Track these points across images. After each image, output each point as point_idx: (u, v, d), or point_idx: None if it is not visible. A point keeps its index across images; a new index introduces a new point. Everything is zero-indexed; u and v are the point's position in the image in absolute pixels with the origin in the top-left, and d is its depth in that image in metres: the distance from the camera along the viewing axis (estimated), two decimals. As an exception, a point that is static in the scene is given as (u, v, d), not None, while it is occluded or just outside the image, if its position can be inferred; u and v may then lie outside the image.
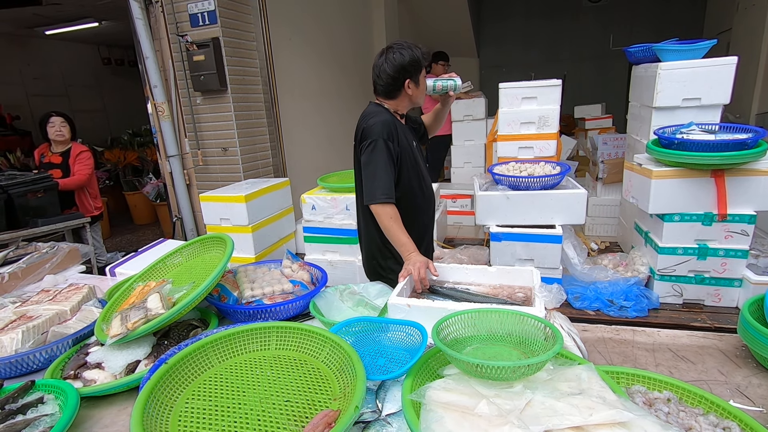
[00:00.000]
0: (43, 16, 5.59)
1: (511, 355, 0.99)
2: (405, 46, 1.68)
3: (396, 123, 1.74)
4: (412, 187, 1.79)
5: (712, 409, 0.92)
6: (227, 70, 3.47)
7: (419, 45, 1.73)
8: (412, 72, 1.70)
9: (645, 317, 2.17)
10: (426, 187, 1.86)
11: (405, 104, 1.80)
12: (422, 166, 1.85)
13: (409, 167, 1.76)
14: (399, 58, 1.67)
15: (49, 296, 1.58)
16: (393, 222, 1.62)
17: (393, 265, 1.80)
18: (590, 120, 4.87)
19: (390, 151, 1.67)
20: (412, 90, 1.73)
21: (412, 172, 1.78)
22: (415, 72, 1.71)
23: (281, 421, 0.87)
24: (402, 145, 1.73)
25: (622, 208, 3.20)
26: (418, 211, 1.84)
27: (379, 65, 1.70)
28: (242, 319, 1.44)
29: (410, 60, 1.67)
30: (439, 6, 7.08)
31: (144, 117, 4.12)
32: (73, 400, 1.01)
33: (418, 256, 1.53)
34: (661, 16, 7.51)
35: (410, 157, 1.77)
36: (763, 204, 2.03)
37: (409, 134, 1.84)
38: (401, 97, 1.76)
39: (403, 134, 1.77)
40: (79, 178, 3.40)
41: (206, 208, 2.88)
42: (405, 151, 1.74)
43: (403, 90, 1.73)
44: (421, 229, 1.88)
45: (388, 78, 1.69)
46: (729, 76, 2.26)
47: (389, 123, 1.69)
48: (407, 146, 1.77)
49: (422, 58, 1.70)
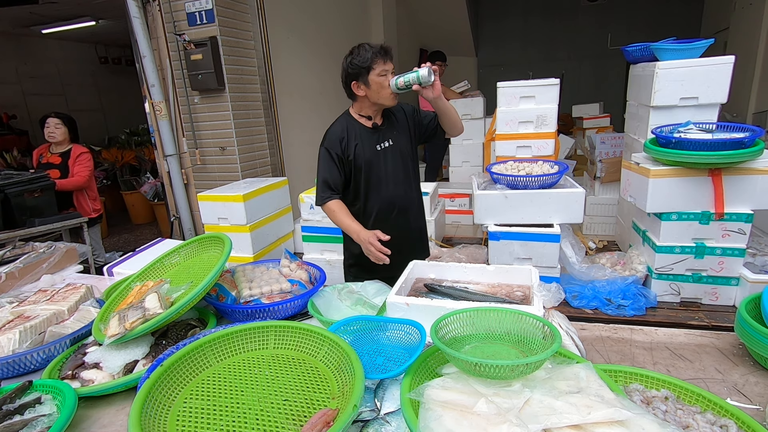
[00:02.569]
0: (39, 15, 5.56)
1: (509, 354, 0.99)
2: (351, 51, 1.75)
3: (350, 129, 1.82)
4: (368, 190, 1.86)
5: (709, 407, 0.92)
6: (225, 69, 3.46)
7: (367, 44, 1.74)
8: (354, 75, 1.75)
9: (643, 316, 2.17)
10: (382, 193, 1.86)
11: (366, 105, 1.83)
12: (380, 171, 1.84)
13: (360, 172, 1.83)
14: (344, 63, 1.76)
15: (47, 296, 1.57)
16: (336, 213, 1.77)
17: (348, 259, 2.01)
18: (588, 119, 4.87)
19: (330, 155, 1.80)
20: (364, 90, 1.77)
21: (367, 175, 1.83)
22: (359, 74, 1.74)
23: (280, 420, 0.87)
24: (353, 152, 1.80)
25: (620, 207, 3.21)
26: (380, 212, 1.88)
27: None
28: (240, 318, 1.44)
29: (349, 64, 1.74)
30: (437, 5, 7.08)
31: (141, 116, 4.11)
32: (71, 400, 1.01)
33: (365, 233, 1.67)
34: (658, 16, 7.52)
35: (364, 161, 1.82)
36: (760, 203, 2.03)
37: (373, 139, 1.84)
38: (359, 99, 1.82)
39: (361, 140, 1.82)
40: (78, 180, 3.39)
41: (204, 207, 2.88)
42: (358, 158, 1.81)
43: (356, 91, 1.79)
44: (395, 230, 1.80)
45: (343, 83, 1.81)
46: (726, 75, 2.27)
47: (337, 132, 1.82)
48: (362, 153, 1.81)
49: (361, 62, 1.71)
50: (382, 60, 1.71)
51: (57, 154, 3.44)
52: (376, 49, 1.71)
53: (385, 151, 1.85)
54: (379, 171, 1.85)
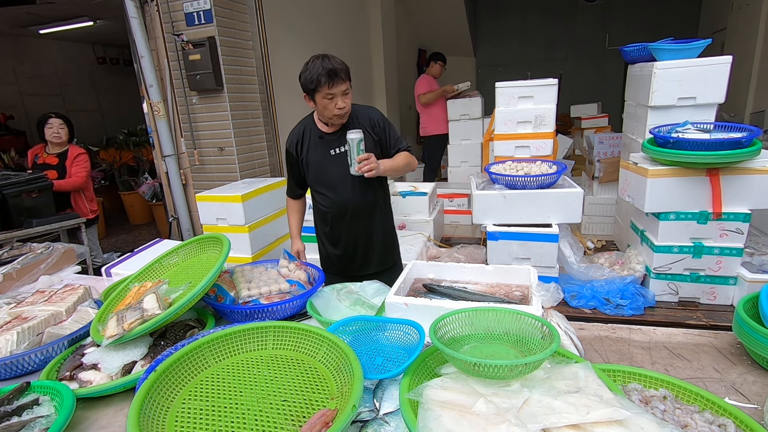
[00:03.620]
0: (37, 15, 5.55)
1: (508, 354, 0.99)
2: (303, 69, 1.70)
3: (306, 133, 1.87)
4: (321, 192, 1.91)
5: (707, 406, 0.92)
6: (223, 69, 3.46)
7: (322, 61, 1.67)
8: (304, 89, 1.73)
9: (641, 315, 2.18)
10: (337, 194, 1.87)
11: (320, 114, 1.81)
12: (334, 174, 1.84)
13: (310, 171, 1.89)
14: (300, 76, 1.72)
15: (45, 297, 1.57)
16: (288, 211, 2.15)
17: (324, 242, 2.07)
18: (586, 119, 4.88)
19: (289, 158, 1.93)
20: (314, 105, 1.76)
21: (316, 177, 1.89)
22: (308, 92, 1.72)
23: (278, 421, 0.87)
24: (305, 156, 1.87)
25: (618, 207, 3.21)
26: (327, 213, 1.93)
27: None
28: (239, 319, 1.44)
29: (302, 81, 1.71)
30: (436, 4, 7.09)
31: (140, 116, 4.10)
32: (69, 401, 1.00)
33: (296, 241, 2.13)
34: (657, 15, 7.54)
35: (316, 165, 1.86)
36: (757, 202, 2.04)
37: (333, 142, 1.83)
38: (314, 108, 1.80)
39: (312, 144, 1.86)
40: (75, 181, 3.38)
41: (203, 207, 2.87)
42: (309, 161, 1.88)
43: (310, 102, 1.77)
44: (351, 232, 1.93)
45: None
46: (724, 75, 2.27)
47: (295, 134, 1.90)
48: (313, 157, 1.86)
49: (306, 82, 1.68)
50: (327, 84, 1.64)
51: (54, 155, 3.43)
52: (322, 72, 1.63)
53: (339, 156, 1.82)
54: (331, 175, 1.85)
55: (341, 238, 1.96)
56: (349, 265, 2.00)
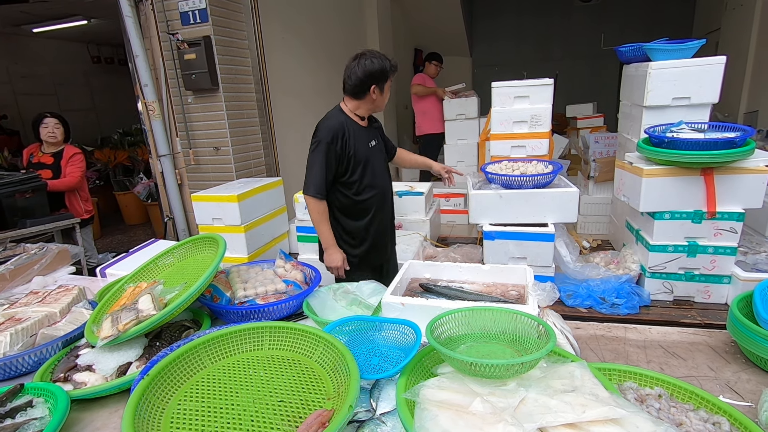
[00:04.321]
0: (30, 14, 5.50)
1: (504, 353, 1.00)
2: (377, 56, 1.86)
3: (348, 125, 1.92)
4: (364, 184, 1.97)
5: (702, 404, 0.93)
6: (219, 68, 3.44)
7: (390, 58, 1.90)
8: (378, 79, 1.87)
9: (636, 314, 2.19)
10: (377, 184, 2.02)
11: (367, 107, 1.96)
12: (376, 166, 2.01)
13: (357, 166, 1.94)
14: (370, 65, 1.83)
15: (38, 298, 1.55)
16: (321, 217, 1.92)
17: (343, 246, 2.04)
18: (582, 119, 4.90)
19: (329, 154, 1.86)
20: (377, 96, 1.91)
21: (361, 171, 1.95)
22: (382, 80, 1.88)
23: (275, 422, 0.87)
24: (352, 148, 1.91)
25: (614, 207, 3.23)
26: (370, 205, 2.03)
27: (351, 67, 1.87)
28: (235, 319, 1.43)
29: (379, 69, 1.85)
30: (432, 4, 7.09)
31: (134, 116, 4.08)
32: (63, 403, 1.00)
33: (336, 251, 1.95)
34: (652, 15, 7.58)
35: (363, 157, 1.94)
36: (751, 202, 2.05)
37: (368, 135, 2.00)
38: (365, 100, 1.92)
39: (357, 137, 1.93)
40: (70, 181, 3.36)
41: (198, 208, 2.86)
42: (357, 153, 1.92)
43: (368, 94, 1.89)
44: (382, 223, 2.09)
45: (357, 80, 1.86)
46: (718, 75, 2.29)
47: (337, 127, 1.87)
48: (360, 148, 1.94)
49: (390, 70, 1.88)
50: (392, 75, 1.92)
51: (49, 154, 3.41)
52: (392, 65, 1.90)
53: (374, 149, 2.02)
54: (373, 166, 2.00)
55: (381, 226, 2.08)
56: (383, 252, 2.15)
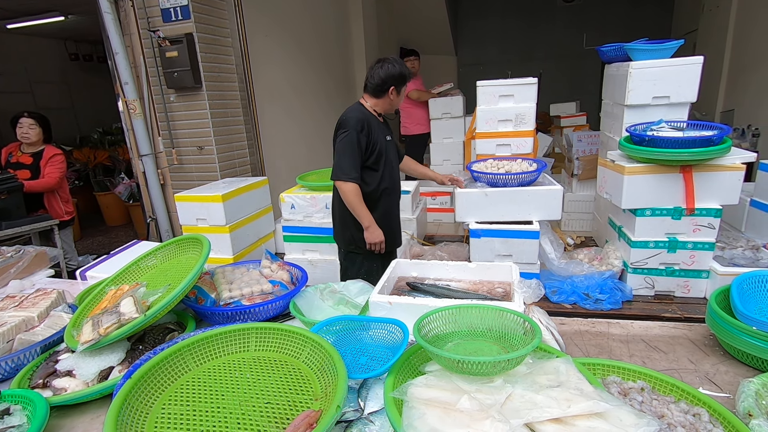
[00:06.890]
0: (4, 9, 5.33)
1: (491, 350, 1.00)
2: (398, 62, 2.16)
3: (371, 119, 2.17)
4: (382, 173, 2.21)
5: (683, 396, 0.95)
6: (202, 66, 3.39)
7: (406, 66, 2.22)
8: (398, 82, 2.17)
9: (619, 309, 2.22)
10: (392, 176, 2.29)
11: (384, 106, 2.24)
12: (391, 158, 2.29)
13: (379, 156, 2.17)
14: (392, 68, 2.14)
15: (15, 302, 1.51)
16: (357, 198, 2.09)
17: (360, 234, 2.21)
18: (565, 117, 4.97)
19: (359, 142, 2.07)
20: (394, 96, 2.20)
21: (382, 161, 2.20)
22: (400, 83, 2.19)
23: (262, 424, 0.86)
24: (375, 138, 2.14)
25: (597, 204, 3.28)
26: (385, 193, 2.27)
27: (375, 69, 2.16)
28: (220, 321, 1.42)
29: (399, 73, 2.16)
30: (417, 4, 7.10)
31: (115, 115, 3.98)
32: (42, 410, 0.97)
33: (376, 228, 2.15)
34: (632, 15, 7.73)
35: (382, 148, 2.18)
36: (727, 198, 2.11)
37: (384, 130, 2.27)
38: (383, 99, 2.21)
39: (377, 129, 2.19)
40: (48, 181, 3.27)
41: (182, 208, 2.81)
42: (378, 143, 2.15)
43: (387, 94, 2.18)
44: (393, 210, 2.38)
45: (379, 80, 2.14)
46: (696, 75, 2.34)
47: (363, 119, 2.11)
48: (380, 140, 2.17)
49: (408, 76, 2.21)
50: (409, 81, 2.26)
51: (28, 154, 3.31)
52: (409, 71, 2.23)
53: (389, 143, 2.28)
54: (389, 157, 2.25)
55: (393, 213, 2.38)
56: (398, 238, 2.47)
